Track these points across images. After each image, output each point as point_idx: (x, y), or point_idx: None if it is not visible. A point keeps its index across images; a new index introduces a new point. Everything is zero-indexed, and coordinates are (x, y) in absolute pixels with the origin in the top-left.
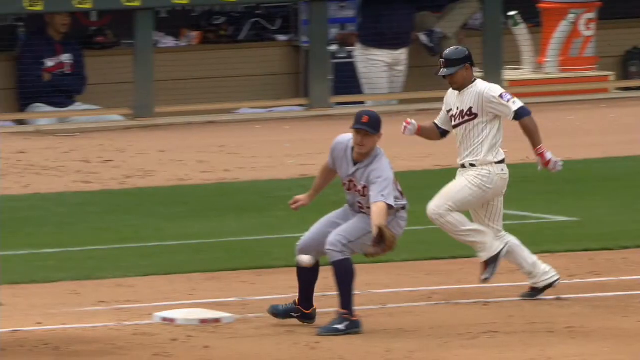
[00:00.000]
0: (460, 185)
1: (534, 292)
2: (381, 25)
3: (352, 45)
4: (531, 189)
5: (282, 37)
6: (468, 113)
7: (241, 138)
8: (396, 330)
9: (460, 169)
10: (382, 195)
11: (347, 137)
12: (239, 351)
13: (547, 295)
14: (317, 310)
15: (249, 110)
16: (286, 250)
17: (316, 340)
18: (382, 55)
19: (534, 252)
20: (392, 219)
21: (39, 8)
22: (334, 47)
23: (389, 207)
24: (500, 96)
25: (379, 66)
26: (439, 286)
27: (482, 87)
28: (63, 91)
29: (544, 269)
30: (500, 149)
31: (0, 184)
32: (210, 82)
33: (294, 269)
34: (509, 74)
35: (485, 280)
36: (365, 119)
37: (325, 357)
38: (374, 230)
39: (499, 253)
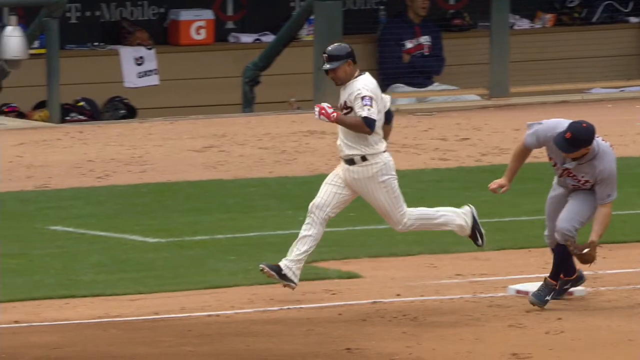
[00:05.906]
0: (381, 197)
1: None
2: None
3: None
4: None
5: (634, 19)
6: (345, 106)
7: (593, 117)
8: None
9: (347, 165)
10: (609, 196)
11: (563, 126)
12: (590, 323)
13: None
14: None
15: (600, 90)
16: (637, 226)
17: None
18: None
19: None
20: None
21: None
22: None
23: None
24: (362, 97)
25: None
26: None
27: (359, 84)
28: (422, 72)
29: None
30: (382, 138)
31: None
32: (564, 63)
33: None
34: None
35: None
36: (568, 135)
37: None
38: (591, 242)
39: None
